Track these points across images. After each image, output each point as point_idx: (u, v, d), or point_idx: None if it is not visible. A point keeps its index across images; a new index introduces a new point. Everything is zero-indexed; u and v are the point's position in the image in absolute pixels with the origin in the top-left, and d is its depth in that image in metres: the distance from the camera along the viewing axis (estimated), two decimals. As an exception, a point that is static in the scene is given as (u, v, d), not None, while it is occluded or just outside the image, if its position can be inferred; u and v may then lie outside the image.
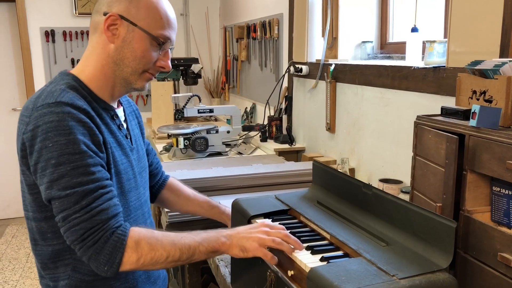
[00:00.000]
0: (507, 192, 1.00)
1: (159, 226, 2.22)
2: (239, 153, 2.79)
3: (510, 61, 1.07)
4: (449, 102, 1.49)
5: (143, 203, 1.28)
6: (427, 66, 1.69)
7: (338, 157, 2.38)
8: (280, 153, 2.72)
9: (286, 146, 2.82)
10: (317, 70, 2.52)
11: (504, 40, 1.36)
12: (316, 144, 2.67)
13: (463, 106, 1.19)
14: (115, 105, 1.24)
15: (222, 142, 2.77)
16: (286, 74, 2.96)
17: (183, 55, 4.85)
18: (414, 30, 1.91)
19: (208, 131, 2.74)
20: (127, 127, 1.28)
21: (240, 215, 1.25)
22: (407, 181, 1.75)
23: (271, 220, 1.20)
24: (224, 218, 1.48)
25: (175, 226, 1.71)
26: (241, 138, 3.00)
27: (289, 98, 3.00)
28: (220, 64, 4.85)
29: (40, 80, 4.53)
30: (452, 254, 0.88)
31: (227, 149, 2.80)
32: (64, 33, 4.53)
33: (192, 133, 2.68)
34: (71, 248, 1.11)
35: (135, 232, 1.06)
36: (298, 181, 1.95)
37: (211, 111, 2.88)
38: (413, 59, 1.92)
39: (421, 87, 1.73)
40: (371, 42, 2.44)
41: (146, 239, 1.06)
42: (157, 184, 1.49)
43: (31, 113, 1.05)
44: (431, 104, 1.69)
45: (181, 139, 2.63)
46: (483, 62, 1.15)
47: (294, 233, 1.10)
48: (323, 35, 2.49)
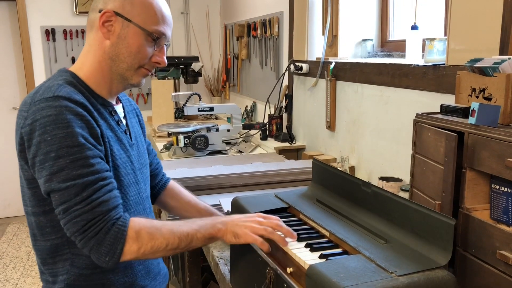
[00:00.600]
0: (506, 190, 1.00)
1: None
2: (239, 152, 2.79)
3: (510, 59, 1.07)
4: (449, 100, 1.49)
5: (145, 199, 1.28)
6: (427, 64, 1.69)
7: (338, 155, 2.38)
8: (280, 152, 2.72)
9: (286, 145, 2.82)
10: (317, 68, 2.52)
11: (504, 38, 1.36)
12: (316, 142, 2.67)
13: (463, 104, 1.19)
14: (114, 102, 1.25)
15: (223, 141, 2.78)
16: (286, 73, 2.96)
17: (184, 54, 4.85)
18: (414, 28, 1.91)
19: (208, 130, 2.74)
20: (127, 123, 1.29)
21: (239, 213, 1.25)
22: (407, 179, 1.75)
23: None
24: None
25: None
26: (241, 137, 3.00)
27: (289, 97, 3.00)
28: (221, 63, 4.85)
29: (41, 79, 4.54)
30: (451, 252, 0.88)
31: (227, 148, 2.80)
32: (65, 32, 4.53)
33: (192, 132, 2.68)
34: (69, 243, 1.12)
35: (135, 223, 1.08)
36: (298, 179, 1.95)
37: (211, 110, 2.88)
38: (413, 57, 1.91)
39: (421, 85, 1.73)
40: (371, 40, 2.43)
41: (146, 229, 1.07)
42: (158, 186, 1.49)
43: (29, 108, 1.06)
44: (431, 102, 1.69)
45: (181, 138, 2.63)
46: (483, 60, 1.15)
47: (294, 231, 1.10)
48: (323, 33, 2.49)
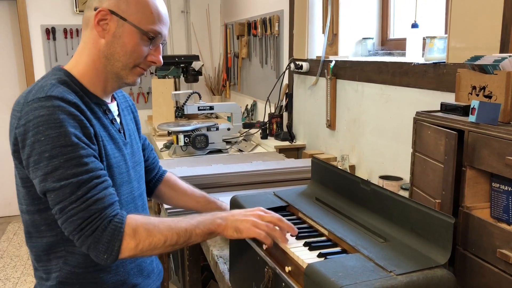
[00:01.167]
0: (507, 188, 0.99)
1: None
2: (240, 151, 2.79)
3: (510, 56, 1.06)
4: (450, 98, 1.48)
5: (136, 197, 1.28)
6: (427, 62, 1.69)
7: (339, 154, 2.37)
8: (281, 150, 2.72)
9: (287, 143, 2.81)
10: (318, 67, 2.51)
11: (504, 36, 1.35)
12: (317, 141, 2.66)
13: (463, 102, 1.18)
14: (108, 100, 1.24)
15: (223, 140, 2.77)
16: (287, 71, 2.96)
17: (184, 53, 4.84)
18: (415, 26, 1.90)
19: (209, 129, 2.73)
20: (121, 122, 1.28)
21: (239, 211, 1.24)
22: (408, 178, 1.74)
23: (269, 217, 1.20)
24: None
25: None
26: (242, 136, 2.99)
27: (290, 95, 2.99)
28: (221, 62, 4.84)
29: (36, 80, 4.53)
30: (450, 250, 0.87)
31: (228, 147, 2.80)
32: (65, 31, 4.53)
33: (192, 131, 2.68)
34: (64, 241, 1.12)
35: (132, 219, 1.07)
36: (298, 178, 1.95)
37: (212, 108, 2.88)
38: (414, 55, 1.91)
39: (422, 83, 1.72)
40: (372, 39, 2.43)
41: (144, 225, 1.07)
42: (154, 179, 1.49)
43: (22, 108, 1.06)
44: (432, 100, 1.68)
45: (181, 137, 2.62)
46: (483, 58, 1.14)
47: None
48: (324, 32, 2.48)
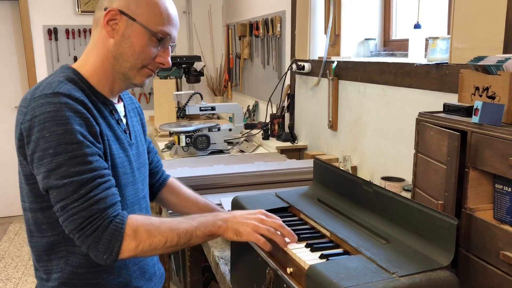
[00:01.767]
0: (510, 190, 0.98)
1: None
2: (241, 151, 2.78)
3: (514, 57, 1.05)
4: (452, 99, 1.47)
5: (141, 199, 1.27)
6: (430, 63, 1.68)
7: (340, 155, 2.36)
8: (282, 151, 2.71)
9: (288, 144, 2.81)
10: (320, 68, 2.51)
11: (508, 36, 1.35)
12: (318, 142, 2.66)
13: (466, 103, 1.17)
14: (115, 100, 1.24)
15: (224, 140, 2.77)
16: (289, 72, 2.95)
17: (186, 53, 4.84)
18: (417, 27, 1.90)
19: (210, 129, 2.73)
20: (127, 123, 1.28)
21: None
22: (410, 179, 1.74)
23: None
24: None
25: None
26: (243, 136, 2.99)
27: (291, 96, 2.99)
28: (223, 62, 4.84)
29: (43, 78, 4.54)
30: (453, 252, 0.86)
31: (229, 147, 2.79)
32: (67, 31, 4.53)
33: (194, 131, 2.67)
34: (65, 240, 1.12)
35: (133, 220, 1.07)
36: (300, 179, 1.94)
37: (213, 109, 2.88)
38: (416, 56, 1.90)
39: (424, 84, 1.72)
40: (374, 40, 2.42)
41: (144, 226, 1.06)
42: (157, 183, 1.48)
43: (29, 104, 1.06)
44: (434, 101, 1.67)
45: (183, 137, 2.62)
46: (486, 58, 1.13)
47: (294, 230, 1.09)
48: (326, 32, 2.48)
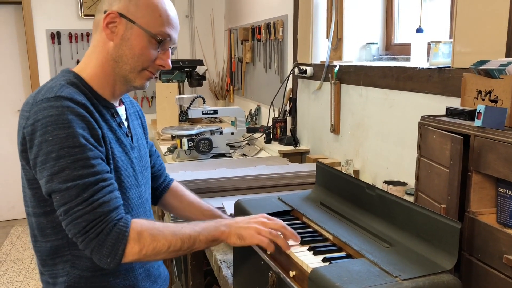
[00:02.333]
0: (513, 193, 0.98)
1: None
2: (243, 155, 2.78)
3: (516, 61, 1.06)
4: (454, 103, 1.48)
5: (145, 201, 1.28)
6: (432, 67, 1.68)
7: (343, 159, 2.36)
8: (284, 155, 2.71)
9: (290, 148, 2.81)
10: (322, 72, 2.51)
11: (510, 40, 1.35)
12: (321, 146, 2.66)
13: (468, 107, 1.18)
14: (116, 104, 1.24)
15: (226, 144, 2.77)
16: (291, 76, 2.96)
17: (188, 57, 4.85)
18: (419, 31, 1.90)
19: (212, 133, 2.73)
20: (128, 126, 1.28)
21: (242, 216, 1.24)
22: (412, 183, 1.73)
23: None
24: None
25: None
26: (245, 140, 2.99)
27: (294, 100, 2.99)
28: (225, 66, 4.85)
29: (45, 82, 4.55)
30: (457, 256, 0.86)
31: (231, 151, 2.80)
32: (70, 35, 4.55)
33: (196, 135, 2.67)
34: (70, 244, 1.11)
35: (137, 224, 1.07)
36: (302, 183, 1.94)
37: (215, 113, 2.88)
38: (418, 60, 1.90)
39: (426, 88, 1.72)
40: (376, 44, 2.42)
41: (148, 230, 1.06)
42: (161, 187, 1.48)
43: (31, 108, 1.06)
44: (436, 105, 1.67)
45: (185, 141, 2.62)
46: (489, 62, 1.14)
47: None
48: (328, 37, 2.48)
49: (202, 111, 2.83)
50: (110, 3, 1.15)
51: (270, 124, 3.04)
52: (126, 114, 1.30)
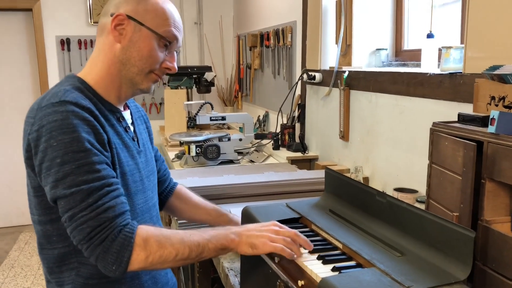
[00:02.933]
0: (528, 202, 0.95)
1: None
2: (251, 161, 2.77)
3: (531, 66, 1.03)
4: (466, 109, 1.45)
5: (151, 207, 1.26)
6: (443, 73, 1.66)
7: (352, 166, 2.34)
8: (293, 162, 2.69)
9: (299, 154, 2.78)
10: (331, 78, 2.49)
11: (524, 45, 1.32)
12: (330, 153, 2.63)
13: (481, 113, 1.15)
14: (122, 108, 1.24)
15: (234, 150, 2.75)
16: (299, 82, 2.94)
17: (197, 64, 4.86)
18: (430, 36, 1.88)
19: (220, 139, 2.72)
20: (134, 130, 1.27)
21: (250, 223, 1.22)
22: (423, 191, 1.71)
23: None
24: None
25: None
26: (253, 146, 2.98)
27: (302, 106, 2.97)
28: (234, 73, 4.85)
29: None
30: (471, 266, 0.84)
31: (239, 157, 2.78)
32: (79, 42, 4.58)
33: (204, 141, 2.66)
34: (76, 252, 1.10)
35: (143, 230, 1.05)
36: (311, 190, 1.92)
37: (223, 119, 2.87)
38: (429, 66, 1.88)
39: (437, 94, 1.69)
40: (386, 50, 2.40)
41: (155, 237, 1.04)
42: (165, 191, 1.47)
43: (36, 114, 1.06)
44: (448, 111, 1.65)
45: (193, 147, 2.61)
46: (502, 67, 1.11)
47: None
48: (337, 42, 2.47)
49: (210, 117, 2.82)
50: (117, 6, 1.14)
51: (279, 131, 3.02)
52: (132, 119, 1.30)
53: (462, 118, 1.18)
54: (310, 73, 2.69)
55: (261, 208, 1.28)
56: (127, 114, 1.27)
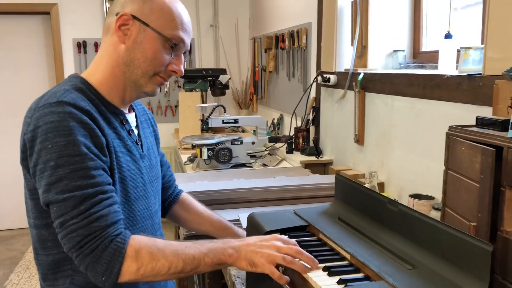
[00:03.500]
0: (552, 212, 0.89)
1: (177, 239, 2.16)
2: (264, 165, 2.72)
3: (555, 66, 0.96)
4: (486, 112, 1.38)
5: (153, 214, 1.22)
6: (462, 74, 1.59)
7: (367, 171, 2.27)
8: (307, 166, 2.63)
9: (313, 158, 2.73)
10: (346, 80, 2.43)
11: (548, 44, 1.25)
12: (344, 157, 2.57)
13: (501, 116, 1.09)
14: (126, 110, 1.20)
15: (247, 154, 2.71)
16: (314, 84, 2.89)
17: (212, 66, 4.84)
18: (448, 37, 1.81)
19: (233, 142, 2.68)
20: (139, 134, 1.23)
21: (255, 230, 1.17)
22: (440, 197, 1.64)
23: (288, 237, 1.11)
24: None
25: (193, 239, 1.64)
26: (267, 150, 2.93)
27: (317, 109, 2.91)
28: (249, 75, 4.81)
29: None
30: (488, 282, 0.77)
31: (252, 161, 2.74)
32: (96, 44, 4.60)
33: (216, 144, 2.63)
34: (71, 259, 1.06)
35: (135, 241, 1.00)
36: (322, 195, 1.86)
37: (236, 122, 2.83)
38: (447, 68, 1.81)
39: (455, 97, 1.62)
40: (403, 51, 2.33)
41: (147, 248, 1.00)
42: (169, 198, 1.43)
43: (33, 113, 1.02)
44: (466, 115, 1.58)
45: (205, 150, 2.58)
46: (524, 68, 1.05)
47: (312, 252, 1.02)
48: (352, 44, 2.41)
49: (223, 120, 2.79)
50: (123, 5, 1.10)
51: (293, 134, 2.97)
52: (137, 122, 1.26)
53: (481, 122, 1.12)
54: (325, 75, 2.63)
55: (268, 215, 1.22)
56: (132, 117, 1.23)
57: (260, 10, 4.44)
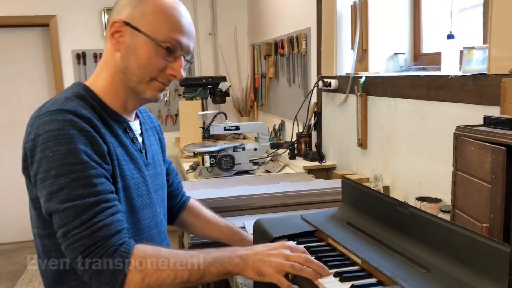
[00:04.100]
0: None
1: (182, 247, 2.14)
2: (267, 171, 2.70)
3: None
4: (492, 112, 1.36)
5: (159, 222, 1.20)
6: (466, 74, 1.57)
7: (371, 175, 2.25)
8: (310, 171, 2.61)
9: (316, 164, 2.70)
10: (347, 84, 2.42)
11: (554, 42, 1.23)
12: (348, 161, 2.55)
13: (509, 115, 1.07)
14: (130, 118, 1.18)
15: (249, 160, 2.69)
16: (315, 89, 2.87)
17: (212, 74, 4.84)
18: (450, 37, 1.79)
19: (235, 149, 2.66)
20: (143, 141, 1.21)
21: (262, 237, 1.15)
22: (447, 200, 1.61)
23: (296, 243, 1.09)
24: (246, 245, 1.38)
25: (198, 248, 1.62)
26: (269, 156, 2.91)
27: (318, 114, 2.90)
28: (249, 82, 4.81)
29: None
30: (507, 284, 0.75)
31: (255, 167, 2.72)
32: (95, 55, 4.60)
33: (218, 151, 2.61)
34: (75, 270, 1.04)
35: (140, 250, 0.98)
36: (328, 200, 1.84)
37: (237, 128, 2.81)
38: (450, 69, 1.79)
39: (460, 97, 1.61)
40: (404, 54, 2.32)
41: (152, 258, 0.98)
42: (177, 205, 1.41)
43: (34, 122, 1.01)
44: (472, 115, 1.56)
45: (207, 158, 2.56)
46: (532, 65, 1.03)
47: (321, 257, 1.00)
48: (353, 48, 2.40)
49: (224, 127, 2.77)
50: (118, 12, 1.09)
51: (295, 140, 2.95)
52: (141, 129, 1.24)
53: (489, 121, 1.10)
54: (326, 80, 2.62)
55: (274, 221, 1.20)
56: (136, 125, 1.21)
57: (259, 17, 4.44)
